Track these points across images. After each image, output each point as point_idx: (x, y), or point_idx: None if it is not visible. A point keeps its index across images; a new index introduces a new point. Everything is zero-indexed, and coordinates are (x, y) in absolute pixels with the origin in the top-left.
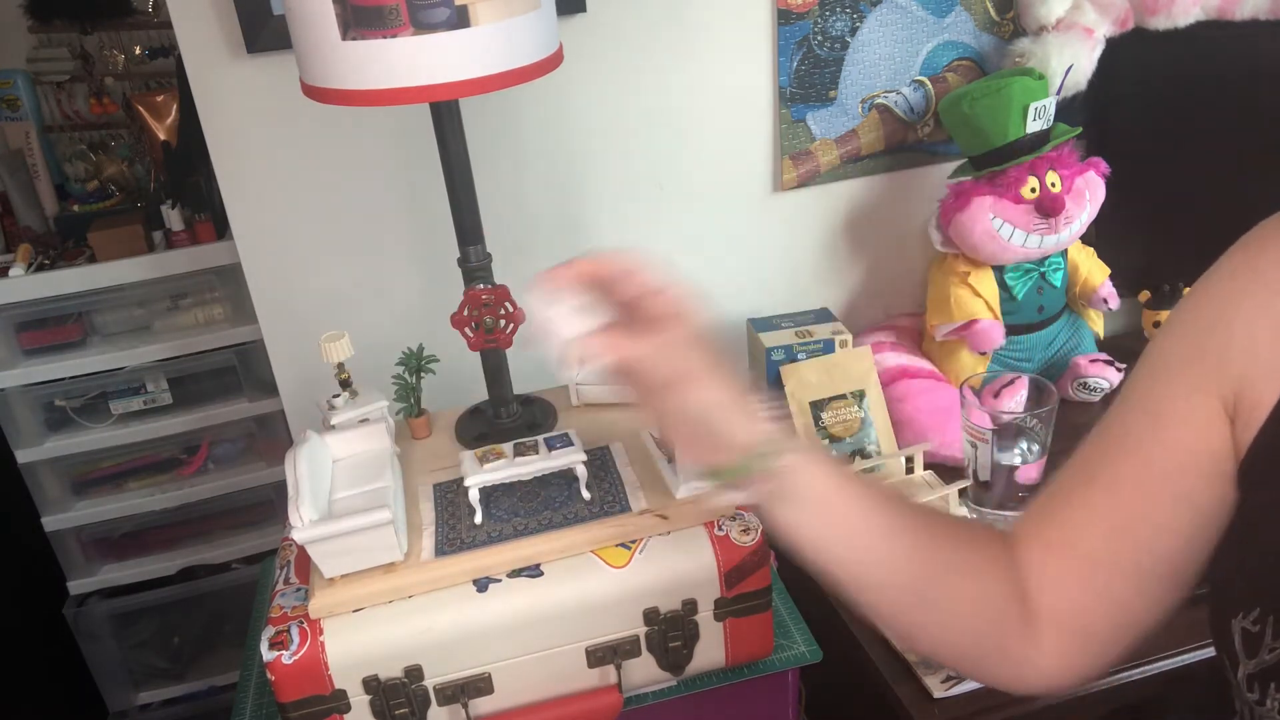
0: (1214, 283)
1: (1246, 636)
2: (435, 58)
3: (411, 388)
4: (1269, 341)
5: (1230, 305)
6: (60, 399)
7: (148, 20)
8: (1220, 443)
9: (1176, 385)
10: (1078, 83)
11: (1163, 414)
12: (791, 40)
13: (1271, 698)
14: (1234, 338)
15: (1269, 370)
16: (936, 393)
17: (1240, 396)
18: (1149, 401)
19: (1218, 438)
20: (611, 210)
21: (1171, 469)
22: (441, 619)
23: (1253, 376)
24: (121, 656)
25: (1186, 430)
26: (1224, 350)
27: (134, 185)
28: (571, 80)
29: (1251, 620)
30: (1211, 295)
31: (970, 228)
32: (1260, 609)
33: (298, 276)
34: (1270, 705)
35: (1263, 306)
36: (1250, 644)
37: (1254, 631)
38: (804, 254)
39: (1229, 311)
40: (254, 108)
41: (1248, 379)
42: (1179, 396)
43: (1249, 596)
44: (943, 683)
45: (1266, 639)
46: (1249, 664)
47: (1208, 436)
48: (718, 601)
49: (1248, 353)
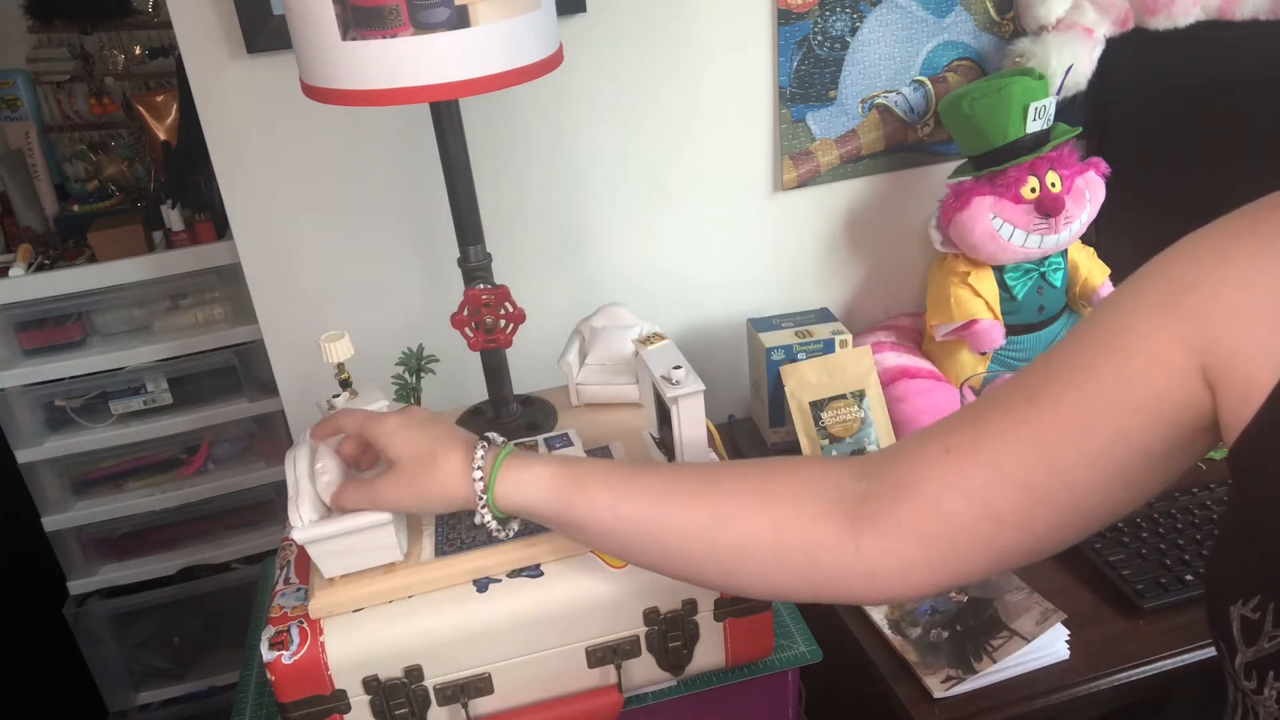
0: (1207, 239)
1: (1246, 624)
2: (435, 58)
3: (411, 388)
4: (1265, 315)
5: (1223, 263)
6: (60, 399)
7: (148, 20)
8: (1186, 396)
9: (1147, 327)
10: (1078, 83)
11: (1129, 350)
12: (791, 40)
13: (1270, 686)
14: (1221, 299)
15: (1266, 346)
16: (936, 393)
17: (1227, 366)
18: (1114, 336)
19: (1183, 391)
20: (611, 210)
21: (1124, 404)
22: (441, 619)
23: (1244, 347)
24: (121, 656)
25: (1153, 372)
26: (1208, 308)
27: (134, 185)
28: (571, 80)
29: (1251, 608)
30: (1201, 251)
31: (970, 228)
32: (1260, 596)
33: (298, 276)
34: (1268, 694)
35: (1259, 274)
36: (1249, 632)
37: (1254, 619)
38: (804, 254)
39: (1219, 270)
40: (254, 108)
41: (1239, 349)
42: (1148, 338)
43: (1249, 584)
44: (943, 683)
45: (1266, 627)
46: (1247, 652)
47: (1174, 386)
48: (718, 601)
49: (1238, 321)
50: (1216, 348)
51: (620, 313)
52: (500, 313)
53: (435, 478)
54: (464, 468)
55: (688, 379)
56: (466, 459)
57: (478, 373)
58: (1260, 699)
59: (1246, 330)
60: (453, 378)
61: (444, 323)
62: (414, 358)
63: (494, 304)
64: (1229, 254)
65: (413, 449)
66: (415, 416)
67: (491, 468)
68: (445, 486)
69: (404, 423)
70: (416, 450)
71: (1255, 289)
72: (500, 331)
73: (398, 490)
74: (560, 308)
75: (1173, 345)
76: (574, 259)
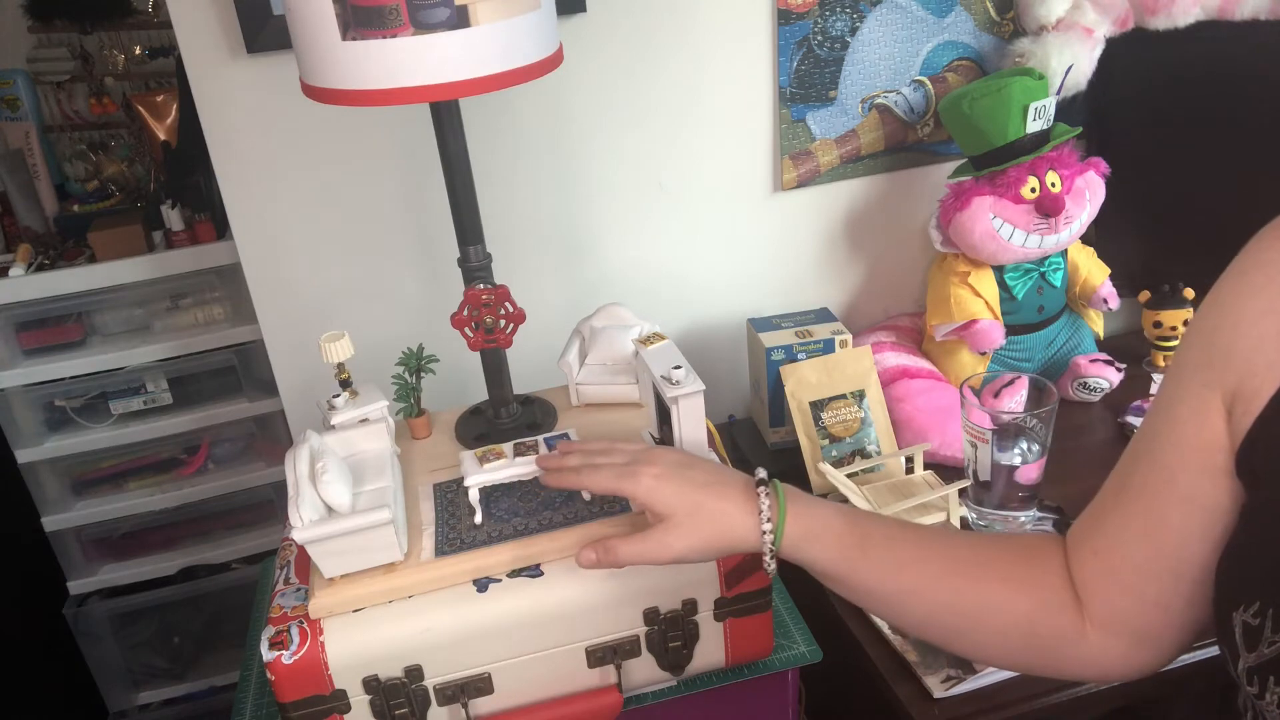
0: (1225, 283)
1: (1247, 630)
2: (435, 58)
3: (411, 388)
4: (1272, 337)
5: (1240, 302)
6: (60, 399)
7: (148, 20)
8: (1214, 435)
9: (1187, 387)
10: (1078, 83)
11: (1174, 416)
12: (791, 40)
13: (1271, 691)
14: (1240, 334)
15: (1270, 361)
16: (936, 393)
17: (1240, 388)
18: (1164, 405)
19: (1212, 431)
20: (611, 210)
21: (1177, 469)
22: (441, 619)
23: (1254, 368)
24: (121, 656)
25: (1189, 429)
26: (1230, 347)
27: (134, 185)
28: (571, 80)
29: (1252, 614)
30: (1222, 295)
31: (970, 228)
32: (1260, 602)
33: (298, 276)
34: (1269, 699)
35: (1270, 302)
36: (1250, 637)
37: (1254, 625)
38: (804, 254)
39: (1238, 308)
40: (254, 108)
41: (1249, 371)
42: (1189, 397)
43: (1249, 590)
44: (943, 683)
45: (1266, 632)
46: (1249, 657)
47: (1204, 431)
48: (718, 601)
49: (1253, 347)
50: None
51: (620, 313)
52: (500, 313)
53: (717, 528)
54: (748, 517)
55: (688, 379)
56: (747, 507)
57: (478, 373)
58: (1263, 704)
59: (1258, 352)
60: (453, 378)
61: (444, 323)
62: (414, 358)
63: (494, 304)
64: (1242, 292)
65: (683, 503)
66: (668, 464)
67: (778, 517)
68: (730, 536)
69: (661, 478)
70: (688, 503)
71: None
72: (500, 331)
73: (685, 541)
74: (560, 308)
75: (1206, 394)
76: (574, 259)
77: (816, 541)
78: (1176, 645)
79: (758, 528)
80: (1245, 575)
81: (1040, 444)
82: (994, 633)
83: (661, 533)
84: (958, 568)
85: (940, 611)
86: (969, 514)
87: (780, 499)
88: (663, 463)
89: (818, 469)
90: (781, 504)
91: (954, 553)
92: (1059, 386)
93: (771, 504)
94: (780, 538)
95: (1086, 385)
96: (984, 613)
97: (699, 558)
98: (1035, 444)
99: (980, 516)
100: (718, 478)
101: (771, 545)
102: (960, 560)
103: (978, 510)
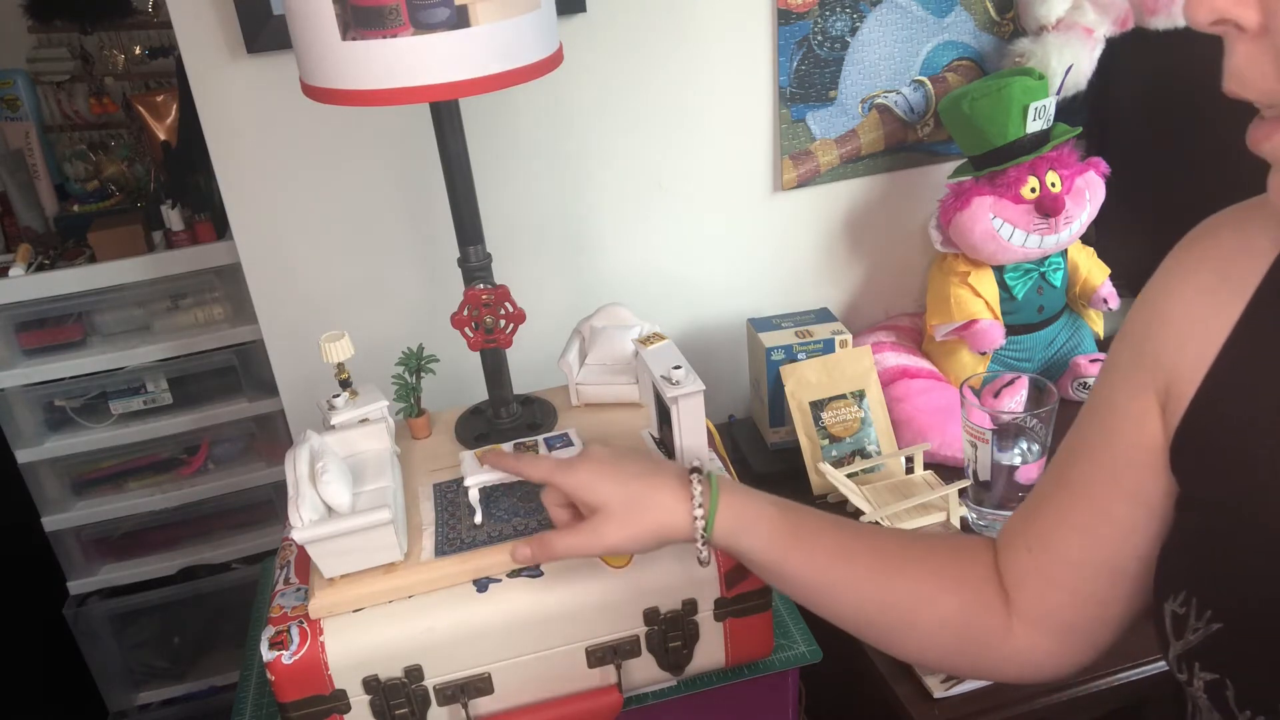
0: (1152, 285)
1: (1175, 619)
2: (435, 58)
3: (411, 388)
4: (1193, 336)
5: (1165, 303)
6: (60, 399)
7: (148, 20)
8: (1152, 436)
9: (1120, 387)
10: (1078, 83)
11: (1110, 415)
12: (791, 40)
13: (1197, 676)
14: (1167, 335)
15: (1194, 361)
16: (936, 393)
17: (1169, 387)
18: (1099, 404)
19: (1151, 431)
20: (611, 210)
21: (1120, 467)
22: (441, 619)
23: (1180, 368)
24: (121, 656)
25: (1128, 427)
26: (1159, 347)
27: (134, 185)
28: (571, 80)
29: (1179, 603)
30: (1150, 297)
31: (970, 228)
32: (1187, 591)
33: (298, 276)
34: (1195, 685)
35: (1189, 303)
36: (1178, 626)
37: (1181, 614)
38: (804, 254)
39: (1164, 309)
40: (254, 108)
41: (1175, 370)
42: (1122, 397)
43: (1177, 580)
44: (942, 683)
45: (1191, 620)
46: (1177, 645)
47: (1144, 431)
48: (718, 601)
49: (1176, 348)
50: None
51: (620, 313)
52: (500, 313)
53: (650, 517)
54: (680, 505)
55: (688, 379)
56: (680, 495)
57: (478, 373)
58: (1192, 690)
59: (1182, 351)
60: (453, 378)
61: (444, 323)
62: (414, 358)
63: (494, 304)
64: (1169, 291)
65: (619, 494)
66: (602, 459)
67: (710, 505)
68: (662, 524)
69: (596, 470)
70: (622, 494)
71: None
72: (500, 331)
73: (620, 533)
74: (560, 308)
75: (1142, 395)
76: (574, 259)
77: (749, 531)
78: (1105, 642)
79: (689, 515)
80: (1175, 566)
81: (1040, 444)
82: (925, 631)
83: (595, 524)
84: (887, 561)
85: (869, 606)
86: (969, 514)
87: (714, 488)
88: (597, 457)
89: (818, 469)
90: (715, 493)
91: (883, 546)
92: (1059, 386)
93: (704, 492)
94: (711, 526)
95: (1086, 385)
96: (913, 608)
97: (633, 548)
98: (1035, 444)
99: (980, 516)
100: (651, 469)
101: (703, 532)
102: (889, 554)
103: (978, 510)
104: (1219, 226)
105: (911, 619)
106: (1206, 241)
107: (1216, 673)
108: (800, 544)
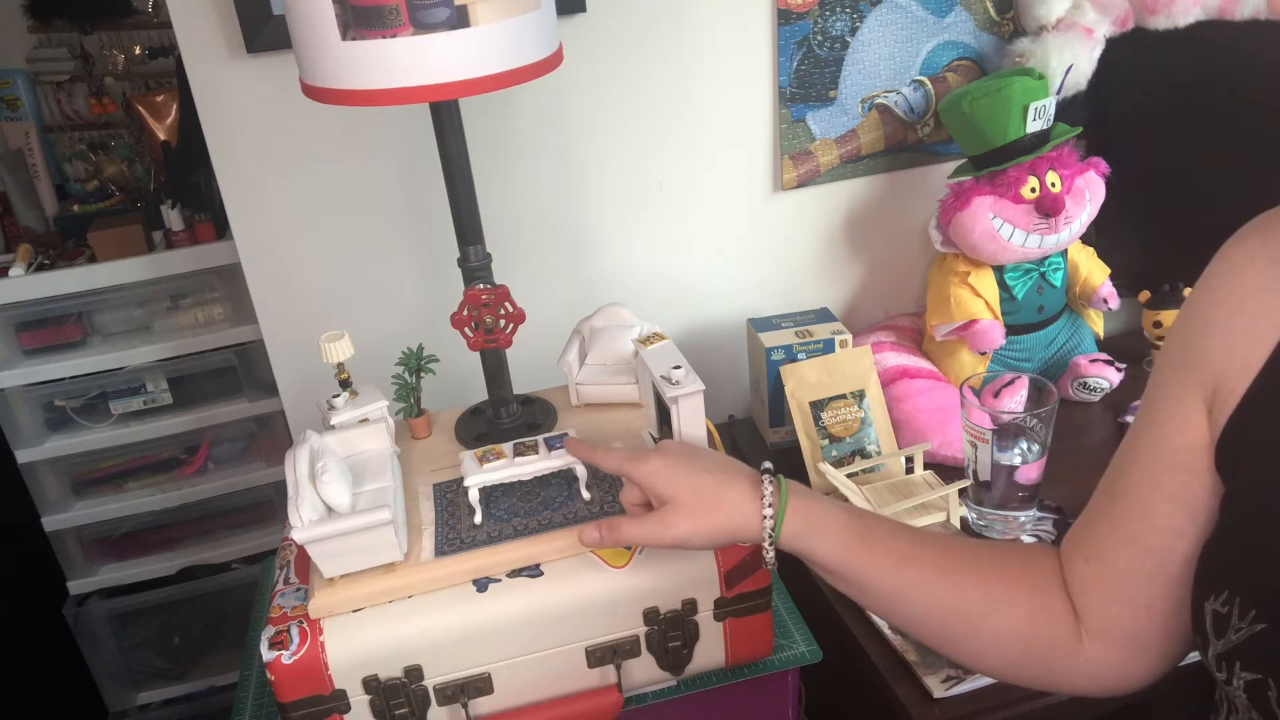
0: (1199, 288)
1: (1216, 618)
2: (435, 58)
3: (411, 388)
4: (1243, 335)
5: (1212, 305)
6: (60, 399)
7: (148, 20)
8: (1197, 436)
9: (1167, 390)
10: (1078, 83)
11: (1158, 419)
12: (791, 40)
13: (1237, 676)
14: (1213, 337)
15: (1242, 363)
16: (936, 393)
17: (1217, 388)
18: (1148, 409)
19: (1195, 432)
20: (611, 210)
21: (1161, 470)
22: (441, 619)
23: (1228, 369)
24: (121, 656)
25: (1173, 427)
26: (1205, 351)
27: (134, 185)
28: (571, 80)
29: (1220, 602)
30: (1196, 299)
31: (970, 228)
32: (1229, 590)
33: (298, 276)
34: (1235, 684)
35: (1237, 304)
36: (1219, 625)
37: (1223, 613)
38: (804, 254)
39: (1210, 312)
40: (254, 108)
41: (1224, 372)
42: (1170, 400)
43: (1220, 579)
44: (943, 683)
45: (1233, 620)
46: (1218, 644)
47: (1188, 432)
48: (718, 601)
49: (1225, 348)
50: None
51: (620, 313)
52: (500, 313)
53: (720, 514)
54: (750, 505)
55: (688, 379)
56: (750, 495)
57: (478, 373)
58: (1230, 690)
59: (1231, 353)
60: (453, 378)
61: (444, 323)
62: (414, 358)
63: (494, 304)
64: (1217, 289)
65: (688, 487)
66: (676, 452)
67: (779, 507)
68: (732, 522)
69: (669, 463)
70: (693, 487)
71: (1235, 320)
72: (500, 331)
73: (688, 524)
74: (560, 308)
75: (1191, 398)
76: (574, 259)
77: (818, 534)
78: (1171, 654)
79: (759, 515)
80: (1216, 565)
81: (1040, 444)
82: (992, 638)
83: (665, 514)
84: (959, 564)
85: (936, 611)
86: (969, 514)
87: (783, 490)
88: (670, 450)
89: (818, 469)
90: (784, 495)
91: (952, 552)
92: (1059, 386)
93: (774, 494)
94: (780, 527)
95: (1086, 385)
96: (981, 614)
97: (701, 543)
98: (1035, 444)
99: (980, 516)
100: (723, 465)
101: (771, 533)
102: (958, 560)
103: (978, 510)
104: (1267, 224)
105: (978, 624)
106: (1255, 240)
107: (1259, 673)
108: (869, 548)
